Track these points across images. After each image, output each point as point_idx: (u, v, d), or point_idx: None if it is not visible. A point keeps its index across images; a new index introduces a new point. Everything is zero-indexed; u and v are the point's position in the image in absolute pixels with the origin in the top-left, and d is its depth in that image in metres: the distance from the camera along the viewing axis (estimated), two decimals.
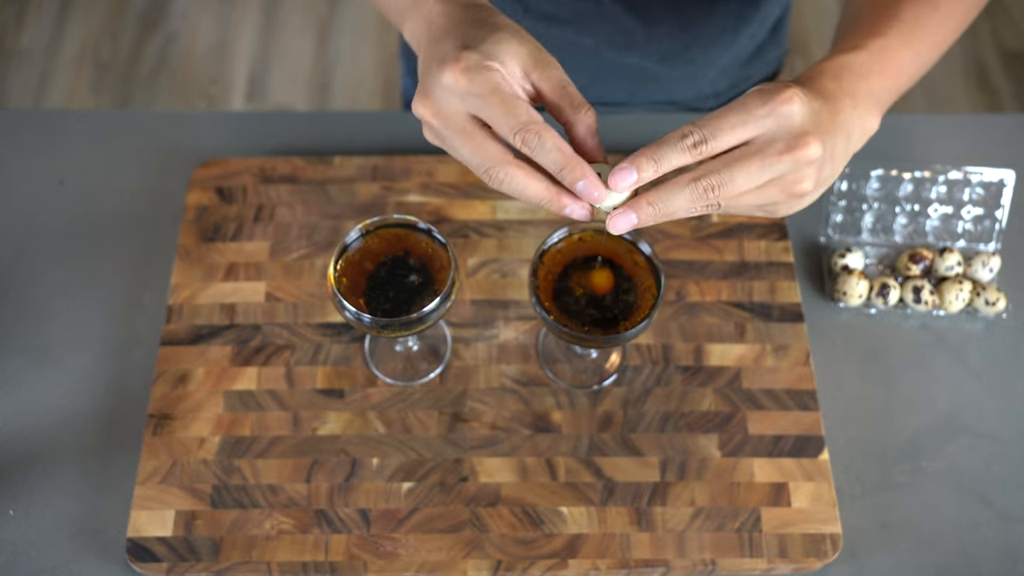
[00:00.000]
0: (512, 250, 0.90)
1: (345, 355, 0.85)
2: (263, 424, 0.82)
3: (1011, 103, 2.15)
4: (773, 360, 0.85)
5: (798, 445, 0.81)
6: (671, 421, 0.82)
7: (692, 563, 0.76)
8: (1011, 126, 1.02)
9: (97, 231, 0.93)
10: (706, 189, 0.56)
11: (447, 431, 0.82)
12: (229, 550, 0.76)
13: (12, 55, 2.19)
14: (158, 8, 2.28)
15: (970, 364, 0.88)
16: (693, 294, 0.88)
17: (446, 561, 0.76)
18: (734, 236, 0.91)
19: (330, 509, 0.78)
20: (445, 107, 0.59)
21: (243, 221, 0.91)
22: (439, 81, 0.58)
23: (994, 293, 0.88)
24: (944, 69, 2.21)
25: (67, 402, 0.84)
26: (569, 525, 0.78)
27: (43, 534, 0.78)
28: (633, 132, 0.99)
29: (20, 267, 0.91)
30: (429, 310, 0.71)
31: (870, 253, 0.92)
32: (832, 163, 0.60)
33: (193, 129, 1.00)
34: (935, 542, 0.79)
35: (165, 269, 0.90)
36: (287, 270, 0.89)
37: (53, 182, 0.96)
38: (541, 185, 0.59)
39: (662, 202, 0.58)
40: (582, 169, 0.57)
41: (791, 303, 0.88)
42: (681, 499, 0.79)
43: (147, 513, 0.78)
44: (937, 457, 0.83)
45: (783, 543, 0.77)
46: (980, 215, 0.93)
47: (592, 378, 0.85)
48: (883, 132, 1.00)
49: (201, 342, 0.85)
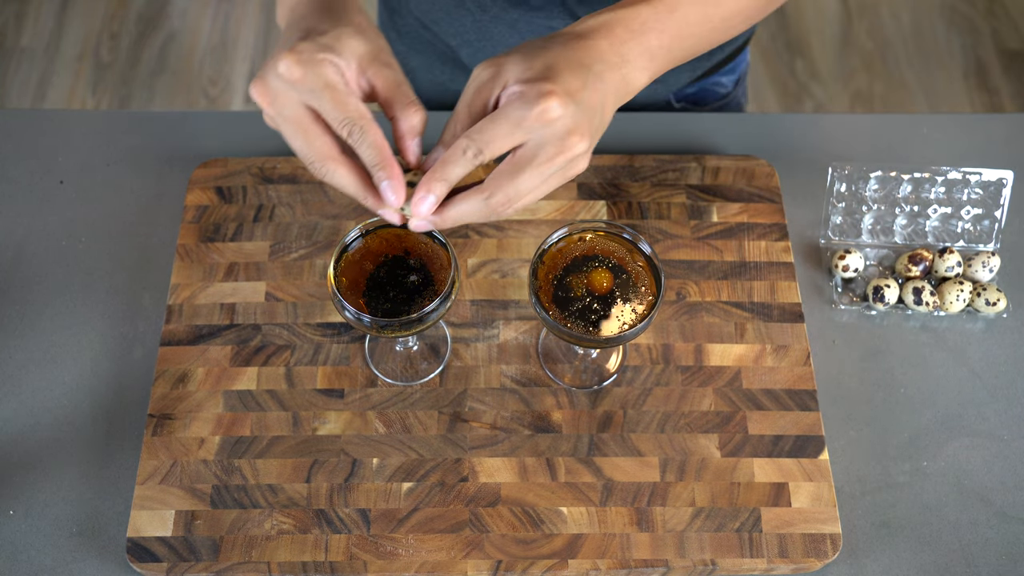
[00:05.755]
0: (512, 250, 0.90)
1: (345, 355, 0.85)
2: (263, 424, 0.82)
3: (1011, 103, 2.15)
4: (773, 360, 0.85)
5: (798, 445, 0.81)
6: (671, 421, 0.82)
7: (692, 563, 0.76)
8: (1011, 126, 1.02)
9: (97, 231, 0.93)
10: (499, 203, 0.61)
11: (447, 431, 0.82)
12: (229, 550, 0.76)
13: (12, 55, 2.19)
14: (158, 8, 2.28)
15: (970, 364, 0.88)
16: (693, 294, 0.88)
17: (446, 561, 0.76)
18: (734, 236, 0.91)
19: (330, 509, 0.78)
20: (280, 95, 0.61)
21: (243, 221, 0.91)
22: (275, 69, 0.61)
23: (994, 293, 0.88)
24: (944, 69, 2.21)
25: (67, 402, 0.84)
26: (569, 525, 0.78)
27: (43, 534, 0.78)
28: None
29: (20, 267, 0.91)
30: (429, 310, 0.71)
31: (870, 254, 0.92)
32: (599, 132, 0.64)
33: (193, 129, 1.00)
34: (935, 542, 0.79)
35: (165, 269, 0.90)
36: (287, 270, 0.89)
37: (53, 182, 0.96)
38: (360, 183, 0.62)
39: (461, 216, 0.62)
40: (391, 171, 0.61)
41: (791, 303, 0.88)
42: (681, 499, 0.79)
43: (147, 513, 0.78)
44: (937, 457, 0.83)
45: (783, 543, 0.77)
46: (980, 215, 0.93)
47: (592, 378, 0.85)
48: (883, 132, 1.01)
49: (201, 342, 0.85)
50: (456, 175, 0.61)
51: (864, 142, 1.00)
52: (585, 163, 0.63)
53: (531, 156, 0.60)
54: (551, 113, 0.59)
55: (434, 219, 0.63)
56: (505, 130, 0.59)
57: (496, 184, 0.61)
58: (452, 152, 0.60)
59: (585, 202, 0.93)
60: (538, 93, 0.59)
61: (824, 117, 1.05)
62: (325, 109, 0.61)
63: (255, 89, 0.62)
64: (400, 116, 0.63)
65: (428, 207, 0.61)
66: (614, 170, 0.95)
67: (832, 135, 1.00)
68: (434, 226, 0.63)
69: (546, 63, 0.61)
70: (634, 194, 0.93)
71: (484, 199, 0.61)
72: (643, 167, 0.95)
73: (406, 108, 0.63)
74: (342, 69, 0.61)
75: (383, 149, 0.61)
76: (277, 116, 0.62)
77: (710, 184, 0.94)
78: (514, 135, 0.60)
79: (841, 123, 1.03)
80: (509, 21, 0.98)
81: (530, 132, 0.60)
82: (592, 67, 0.62)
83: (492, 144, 0.60)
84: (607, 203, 0.93)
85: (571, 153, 0.61)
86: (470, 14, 0.99)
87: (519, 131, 0.59)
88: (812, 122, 1.03)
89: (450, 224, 0.63)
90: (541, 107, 0.59)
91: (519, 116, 0.59)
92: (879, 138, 1.00)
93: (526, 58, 0.62)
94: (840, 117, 1.05)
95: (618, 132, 0.99)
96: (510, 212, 0.62)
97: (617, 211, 0.93)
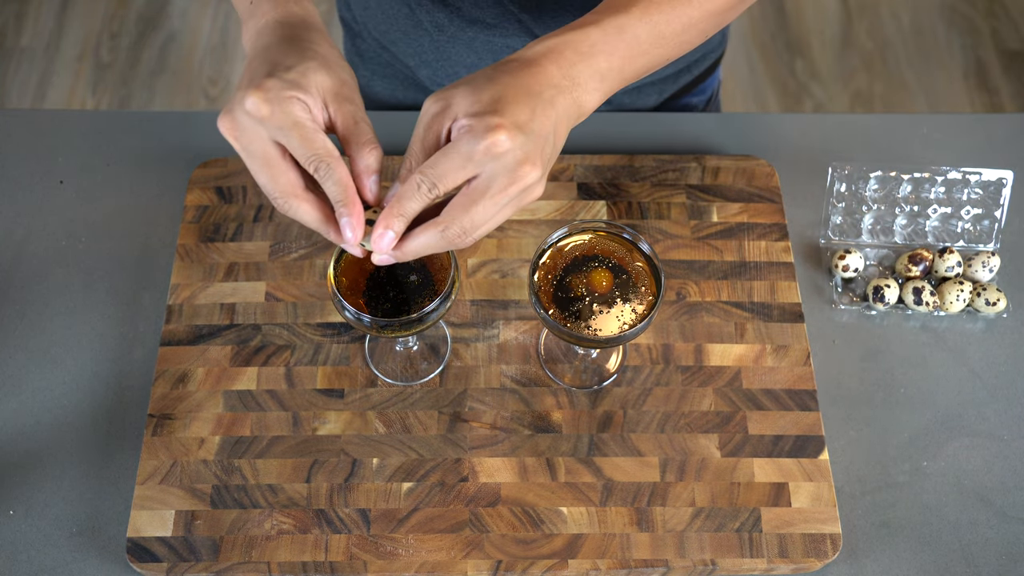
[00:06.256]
0: (512, 250, 0.90)
1: (345, 355, 0.85)
2: (263, 424, 0.82)
3: (1011, 103, 2.15)
4: (773, 360, 0.85)
5: (798, 445, 0.81)
6: (671, 421, 0.82)
7: (692, 563, 0.77)
8: (1011, 126, 1.02)
9: (97, 231, 0.93)
10: (455, 235, 0.62)
11: (447, 431, 0.82)
12: (229, 550, 0.76)
13: (12, 55, 2.19)
14: (158, 8, 2.28)
15: (970, 364, 0.88)
16: (693, 294, 0.88)
17: (446, 561, 0.76)
18: (734, 236, 0.91)
19: (330, 509, 0.78)
20: (247, 131, 0.62)
21: (243, 221, 0.91)
22: (242, 105, 0.61)
23: (994, 293, 0.88)
24: (944, 69, 2.21)
25: (67, 402, 0.84)
26: (569, 525, 0.78)
27: (43, 534, 0.78)
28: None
29: (20, 267, 0.91)
30: (429, 310, 0.71)
31: (870, 254, 0.92)
32: (553, 158, 0.64)
33: (193, 129, 1.00)
34: (935, 542, 0.79)
35: (165, 269, 0.90)
36: (287, 270, 0.89)
37: (53, 182, 0.96)
38: (322, 218, 0.64)
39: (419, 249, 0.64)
40: (352, 208, 0.62)
41: (791, 303, 0.88)
42: (681, 499, 0.79)
43: (147, 513, 0.78)
44: (937, 457, 0.83)
45: (783, 543, 0.77)
46: (980, 215, 0.93)
47: (592, 378, 0.85)
48: (883, 132, 1.01)
49: (201, 342, 0.85)
50: (412, 210, 0.62)
51: (864, 142, 1.00)
52: (540, 190, 0.63)
53: (484, 188, 0.61)
54: (500, 147, 0.59)
55: (395, 253, 0.64)
56: (457, 164, 0.60)
57: (451, 217, 0.62)
58: (407, 188, 0.61)
59: (585, 202, 0.93)
60: (486, 127, 0.60)
61: (824, 117, 1.05)
62: (293, 146, 0.62)
63: (223, 124, 0.63)
64: (356, 156, 0.64)
65: (387, 243, 0.63)
66: (614, 170, 0.95)
67: (832, 135, 1.00)
68: (395, 259, 0.64)
69: (493, 95, 0.61)
70: (634, 194, 0.93)
71: (440, 232, 0.62)
72: (643, 167, 0.95)
73: (362, 148, 0.64)
74: (309, 106, 0.62)
75: (348, 187, 0.62)
76: (243, 151, 0.63)
77: (710, 184, 0.94)
78: (465, 169, 0.60)
79: (841, 123, 1.03)
80: (466, 41, 0.98)
81: (481, 166, 0.60)
82: (542, 94, 0.63)
83: (445, 178, 0.61)
84: (607, 203, 0.93)
85: (523, 183, 0.61)
86: (427, 34, 0.99)
87: (470, 165, 0.60)
88: (812, 122, 1.03)
89: (411, 257, 0.64)
90: (489, 141, 0.59)
91: (468, 151, 0.60)
92: (879, 138, 1.00)
93: (474, 91, 0.62)
94: (840, 117, 1.05)
95: (618, 132, 0.99)
96: (469, 242, 0.63)
97: (617, 211, 0.93)
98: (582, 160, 0.95)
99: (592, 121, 0.99)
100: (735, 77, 2.20)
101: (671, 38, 0.70)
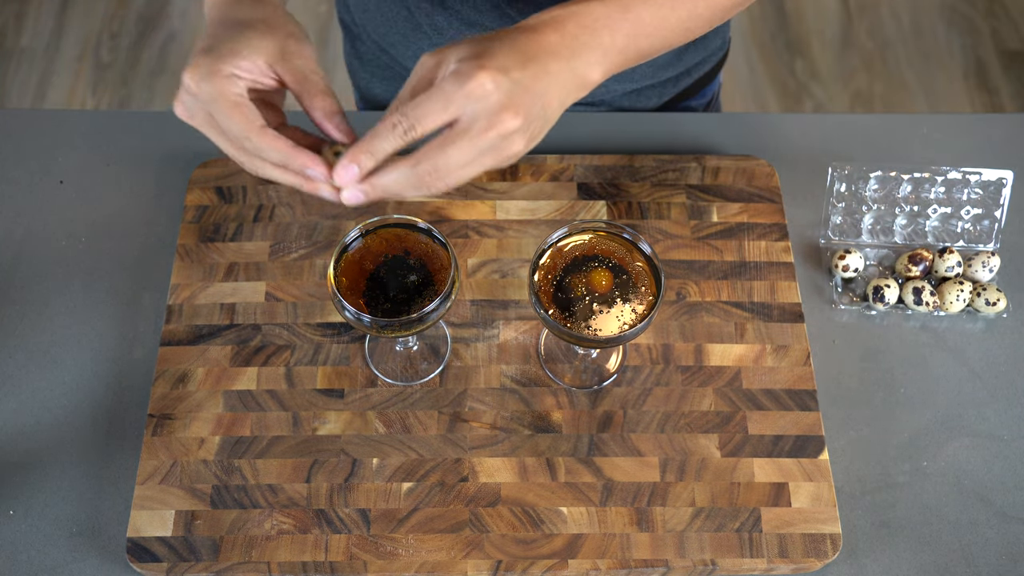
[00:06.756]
0: (512, 250, 0.90)
1: (345, 355, 0.85)
2: (263, 424, 0.82)
3: (1011, 103, 2.16)
4: (773, 360, 0.85)
5: (798, 445, 0.81)
6: (671, 421, 0.82)
7: (692, 563, 0.77)
8: (1011, 126, 1.02)
9: (97, 231, 0.93)
10: (426, 172, 0.61)
11: (447, 431, 0.82)
12: (229, 550, 0.76)
13: (12, 55, 2.19)
14: (158, 8, 2.28)
15: (970, 364, 0.88)
16: (693, 294, 0.88)
17: (446, 561, 0.76)
18: (734, 236, 0.91)
19: (330, 509, 0.78)
20: (192, 109, 0.64)
21: (243, 221, 0.91)
22: (182, 82, 0.63)
23: (994, 293, 0.88)
24: (944, 69, 2.21)
25: (67, 402, 0.84)
26: (569, 525, 0.78)
27: (43, 534, 0.78)
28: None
29: (20, 267, 0.91)
30: (429, 310, 0.71)
31: (870, 254, 0.92)
32: (542, 121, 0.63)
33: (193, 129, 0.98)
34: (935, 542, 0.79)
35: (165, 269, 0.90)
36: (287, 270, 0.89)
37: (53, 182, 0.96)
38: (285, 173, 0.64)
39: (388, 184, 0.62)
40: (303, 159, 0.62)
41: (791, 303, 0.88)
42: (681, 499, 0.79)
43: (147, 513, 0.78)
44: (937, 457, 0.83)
45: (783, 543, 0.77)
46: (979, 215, 0.93)
47: (592, 378, 0.85)
48: (883, 132, 1.01)
49: (201, 342, 0.85)
50: (384, 149, 0.61)
51: (864, 142, 1.00)
52: (521, 144, 0.62)
53: (463, 130, 0.60)
54: (484, 88, 0.59)
55: (364, 187, 0.62)
56: (438, 105, 0.59)
57: (424, 153, 0.61)
58: (382, 126, 0.61)
59: (585, 202, 0.93)
60: (471, 68, 0.59)
61: (824, 117, 1.05)
62: (223, 123, 0.63)
63: (176, 109, 0.65)
64: (310, 107, 0.65)
65: (350, 176, 0.61)
66: (614, 170, 0.95)
67: (832, 135, 1.00)
68: (365, 195, 0.63)
69: (487, 48, 0.61)
70: (634, 194, 0.93)
71: (411, 167, 0.61)
72: (643, 167, 0.95)
73: (314, 98, 0.64)
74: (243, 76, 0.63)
75: (283, 146, 0.62)
76: (201, 128, 0.65)
77: (710, 184, 0.94)
78: (447, 110, 0.59)
79: (841, 123, 1.03)
80: None
81: (462, 108, 0.59)
82: (537, 56, 0.62)
83: (424, 119, 0.60)
84: (607, 203, 0.93)
85: (503, 128, 0.60)
86: (426, 37, 0.99)
87: (452, 106, 0.59)
88: (812, 122, 1.03)
89: (379, 193, 0.63)
90: (474, 82, 0.59)
91: (451, 91, 0.59)
92: (879, 138, 1.00)
93: (470, 45, 0.62)
94: (840, 117, 1.05)
95: (618, 132, 0.99)
96: (442, 187, 0.62)
97: (617, 211, 0.93)
98: (582, 160, 0.95)
99: (592, 121, 0.99)
100: (735, 77, 2.20)
101: (675, 24, 0.70)
